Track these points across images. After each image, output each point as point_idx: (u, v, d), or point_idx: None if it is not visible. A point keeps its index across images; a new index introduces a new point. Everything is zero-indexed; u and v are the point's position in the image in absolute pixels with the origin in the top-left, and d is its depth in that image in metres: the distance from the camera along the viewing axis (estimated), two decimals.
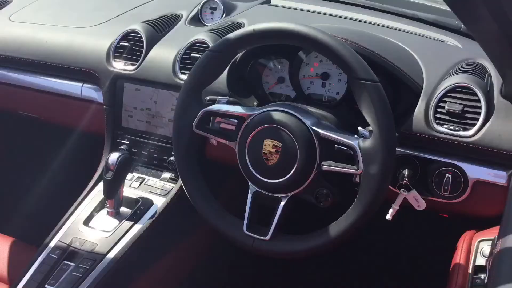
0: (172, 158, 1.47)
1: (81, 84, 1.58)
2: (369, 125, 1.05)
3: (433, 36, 1.49)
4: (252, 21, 1.55)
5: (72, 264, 1.29)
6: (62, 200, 1.52)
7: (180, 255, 1.57)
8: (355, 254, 1.92)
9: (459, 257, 1.11)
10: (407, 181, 1.16)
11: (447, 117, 1.18)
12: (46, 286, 1.26)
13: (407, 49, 1.35)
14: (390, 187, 1.16)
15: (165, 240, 1.47)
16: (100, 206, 1.44)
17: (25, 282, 1.28)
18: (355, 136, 1.08)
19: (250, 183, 1.17)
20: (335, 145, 1.09)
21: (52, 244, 1.35)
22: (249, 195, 1.17)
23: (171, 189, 1.46)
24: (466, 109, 1.16)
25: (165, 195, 1.45)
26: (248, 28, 1.14)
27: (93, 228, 1.38)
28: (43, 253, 1.33)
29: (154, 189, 1.47)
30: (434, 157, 1.18)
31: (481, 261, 1.07)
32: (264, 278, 1.89)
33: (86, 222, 1.39)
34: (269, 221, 1.14)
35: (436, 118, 1.18)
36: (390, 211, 1.20)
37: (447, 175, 1.17)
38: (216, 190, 1.23)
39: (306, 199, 1.15)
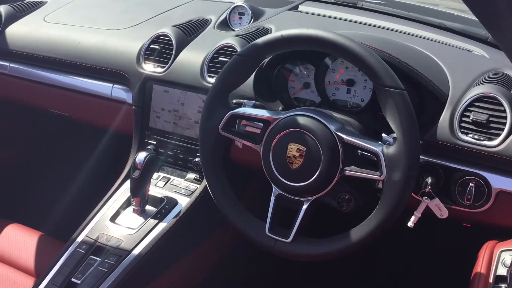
0: (197, 159, 1.50)
1: (111, 85, 1.62)
2: (393, 132, 1.06)
3: (460, 46, 1.49)
4: (280, 27, 1.57)
5: (98, 259, 1.32)
6: (90, 197, 1.56)
7: (203, 254, 1.59)
8: (375, 260, 1.92)
9: (480, 266, 1.11)
10: (430, 189, 1.16)
11: (472, 127, 1.18)
12: (72, 279, 1.29)
13: (434, 57, 1.35)
14: (412, 194, 1.16)
15: (188, 239, 1.49)
16: (127, 204, 1.47)
17: (53, 275, 1.32)
18: (379, 142, 1.08)
19: (273, 186, 1.18)
20: (359, 151, 1.10)
21: (79, 239, 1.38)
22: (272, 198, 1.18)
23: (195, 189, 1.49)
24: (491, 119, 1.16)
25: (189, 195, 1.48)
26: (276, 33, 1.16)
27: (119, 225, 1.41)
28: (71, 248, 1.36)
29: (179, 189, 1.50)
30: (458, 166, 1.19)
31: (502, 271, 1.07)
32: (284, 278, 1.90)
33: (113, 218, 1.43)
34: (291, 223, 1.15)
35: (461, 127, 1.18)
36: (412, 218, 1.20)
37: (470, 184, 1.17)
38: (239, 191, 1.25)
39: (328, 203, 1.17)
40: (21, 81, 1.78)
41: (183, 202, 1.46)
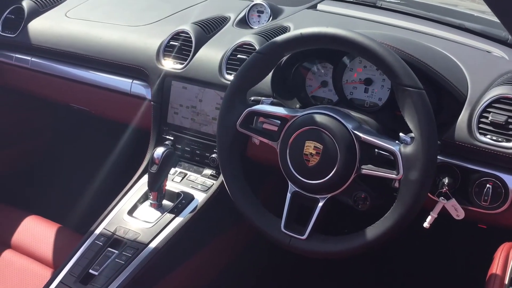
0: (214, 155, 1.51)
1: (131, 81, 1.64)
2: (411, 132, 1.06)
3: (480, 46, 1.48)
4: (298, 25, 1.57)
5: (116, 251, 1.34)
6: (108, 191, 1.58)
7: (218, 249, 1.60)
8: (389, 259, 1.92)
9: (495, 268, 1.10)
10: (446, 190, 1.16)
11: (491, 128, 1.17)
12: (90, 271, 1.31)
13: (453, 58, 1.35)
14: (429, 195, 1.16)
15: (204, 234, 1.50)
16: (144, 198, 1.49)
17: (71, 266, 1.34)
18: (396, 141, 1.08)
19: (289, 183, 1.19)
20: (376, 150, 1.10)
21: (97, 231, 1.40)
22: (288, 195, 1.19)
23: (212, 185, 1.50)
24: (510, 120, 1.15)
25: (205, 190, 1.49)
26: (295, 32, 1.16)
27: (136, 218, 1.43)
28: (89, 240, 1.38)
29: (195, 184, 1.51)
30: (475, 167, 1.18)
31: None
32: (297, 276, 1.91)
33: (130, 212, 1.45)
34: (306, 220, 1.16)
35: (479, 128, 1.18)
36: (428, 218, 1.20)
37: (487, 185, 1.16)
38: (255, 188, 1.26)
39: (344, 201, 1.17)
40: (43, 76, 1.81)
41: (199, 197, 1.47)
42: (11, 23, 1.87)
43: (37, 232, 1.57)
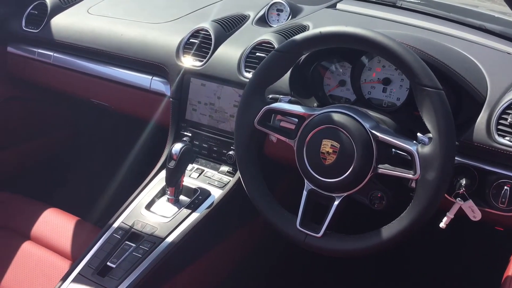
0: (231, 152, 1.52)
1: (150, 77, 1.66)
2: (429, 132, 1.06)
3: (500, 48, 1.47)
4: (317, 24, 1.58)
5: (133, 244, 1.36)
6: (126, 185, 1.61)
7: (234, 244, 1.61)
8: (404, 259, 1.91)
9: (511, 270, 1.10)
10: (464, 191, 1.15)
11: (509, 129, 1.16)
12: (108, 263, 1.33)
13: (473, 59, 1.34)
14: (446, 195, 1.16)
15: (220, 230, 1.52)
16: (161, 193, 1.51)
17: (89, 258, 1.36)
18: (414, 141, 1.08)
19: (306, 181, 1.19)
20: (393, 150, 1.10)
21: (115, 224, 1.42)
22: (304, 193, 1.20)
23: (228, 182, 1.51)
24: None
25: (222, 187, 1.50)
26: (315, 30, 1.17)
27: (154, 213, 1.44)
28: (107, 233, 1.40)
29: (212, 180, 1.53)
30: (493, 169, 1.17)
31: None
32: (309, 275, 1.92)
33: (148, 206, 1.46)
34: (322, 218, 1.16)
35: (498, 130, 1.17)
36: (445, 219, 1.19)
37: (505, 187, 1.16)
38: (271, 185, 1.27)
39: (360, 200, 1.17)
40: (64, 71, 1.83)
41: (216, 194, 1.49)
42: (34, 19, 1.90)
43: (56, 224, 1.59)
